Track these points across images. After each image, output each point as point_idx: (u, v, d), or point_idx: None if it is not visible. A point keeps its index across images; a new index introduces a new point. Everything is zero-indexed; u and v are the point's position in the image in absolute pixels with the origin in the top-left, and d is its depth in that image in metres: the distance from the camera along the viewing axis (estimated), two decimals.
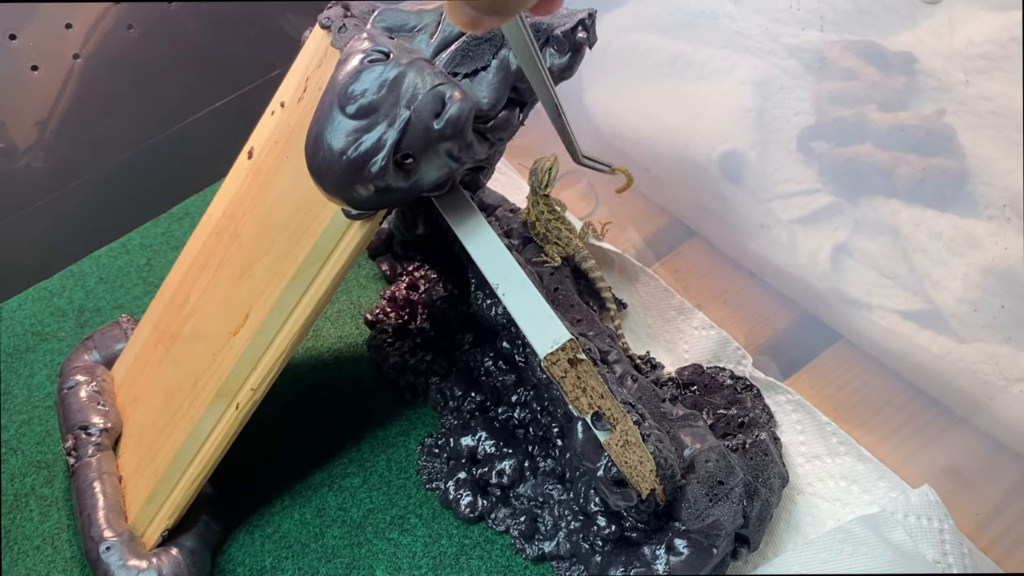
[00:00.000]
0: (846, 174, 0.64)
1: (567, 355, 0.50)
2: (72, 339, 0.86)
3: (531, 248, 0.74)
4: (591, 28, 0.50)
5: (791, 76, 0.65)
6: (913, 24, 0.55)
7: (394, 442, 0.73)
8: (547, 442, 0.66)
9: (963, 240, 0.56)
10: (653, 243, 0.83)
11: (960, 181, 0.56)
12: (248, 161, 0.66)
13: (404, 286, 0.84)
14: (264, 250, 0.60)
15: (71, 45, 0.88)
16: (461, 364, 0.74)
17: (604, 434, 0.51)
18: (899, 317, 0.63)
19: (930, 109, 0.56)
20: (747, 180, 0.71)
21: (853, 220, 0.65)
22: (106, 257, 0.95)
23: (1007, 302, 0.55)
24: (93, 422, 0.69)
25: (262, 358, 0.58)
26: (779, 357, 0.72)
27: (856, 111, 0.61)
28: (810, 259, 0.68)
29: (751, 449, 0.62)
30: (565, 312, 0.68)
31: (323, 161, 0.48)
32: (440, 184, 0.52)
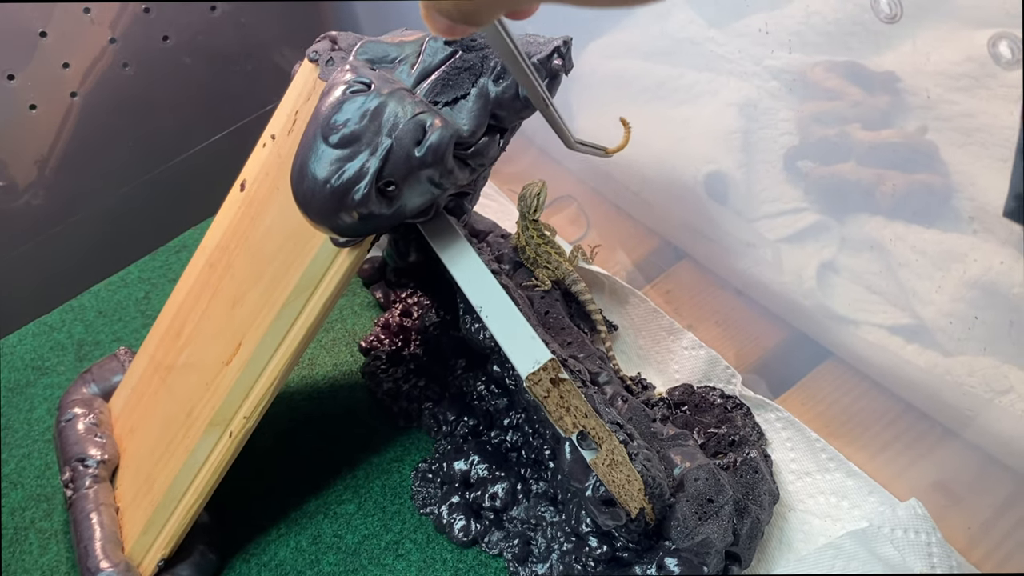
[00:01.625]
0: (831, 192, 0.65)
1: (549, 375, 0.50)
2: (71, 373, 0.87)
3: (522, 272, 0.75)
4: (567, 55, 0.51)
5: (775, 97, 0.66)
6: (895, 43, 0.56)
7: (388, 468, 0.73)
8: (539, 464, 0.67)
9: (947, 255, 0.57)
10: (643, 266, 0.84)
11: (943, 197, 0.56)
12: (240, 193, 0.68)
13: (397, 313, 0.84)
14: (255, 280, 0.61)
15: (69, 84, 0.90)
16: (454, 389, 0.75)
17: (590, 453, 0.52)
18: (886, 332, 0.64)
19: (912, 127, 0.56)
20: (733, 200, 0.72)
21: (839, 237, 0.65)
22: (105, 291, 0.96)
23: (991, 315, 0.55)
24: (90, 454, 0.69)
25: (254, 386, 0.59)
26: (769, 375, 0.73)
27: (840, 130, 0.62)
28: (797, 277, 0.69)
29: (742, 467, 0.62)
30: (556, 335, 0.69)
31: (308, 190, 0.49)
32: (424, 210, 0.53)
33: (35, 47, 0.86)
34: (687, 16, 0.71)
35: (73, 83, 0.90)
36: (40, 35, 0.85)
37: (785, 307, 0.72)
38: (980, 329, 0.56)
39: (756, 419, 0.69)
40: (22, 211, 0.93)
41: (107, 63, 0.92)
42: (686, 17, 0.71)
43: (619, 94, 0.81)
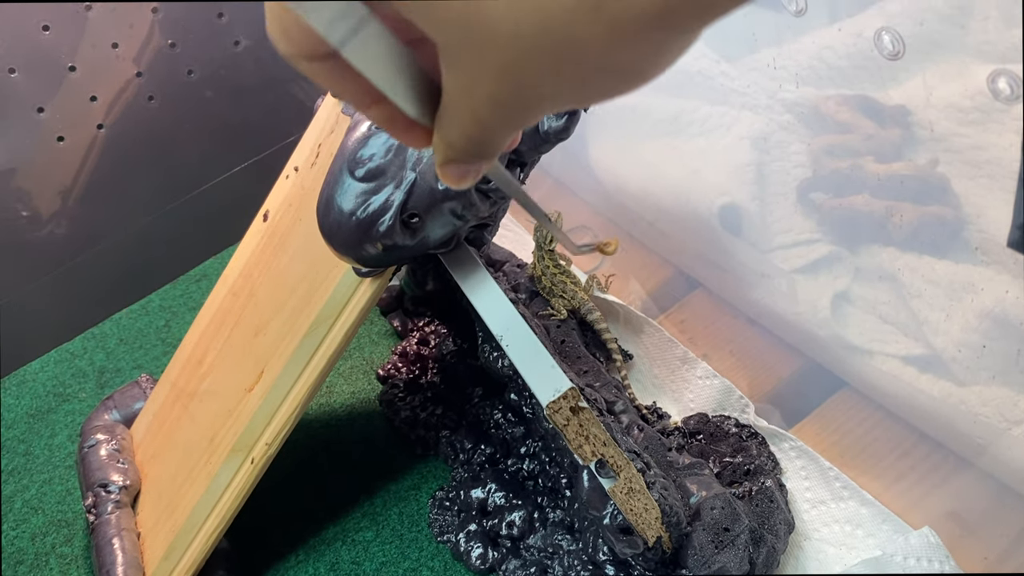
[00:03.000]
0: (844, 224, 0.65)
1: (569, 403, 0.51)
2: (93, 400, 0.88)
3: (538, 302, 0.76)
4: None
5: (787, 130, 0.67)
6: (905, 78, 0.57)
7: (406, 496, 0.74)
8: (556, 493, 0.67)
9: (960, 285, 0.58)
10: (657, 296, 0.85)
11: (955, 228, 0.57)
12: (263, 223, 0.69)
13: (415, 341, 0.85)
14: (278, 309, 0.62)
15: (95, 116, 0.92)
16: (471, 417, 0.76)
17: (608, 481, 0.52)
18: (900, 362, 0.64)
19: (923, 159, 0.57)
20: (747, 231, 0.73)
21: (852, 268, 0.66)
22: (126, 319, 0.98)
23: (1004, 345, 0.56)
24: (113, 480, 0.70)
25: (276, 413, 0.60)
26: (783, 405, 0.73)
27: (852, 163, 0.63)
28: (811, 307, 0.69)
29: (757, 496, 0.63)
30: (572, 364, 0.70)
31: (334, 222, 0.50)
32: (446, 241, 0.54)
33: (64, 80, 0.88)
34: (699, 51, 0.72)
35: (100, 115, 0.92)
36: (69, 69, 0.87)
37: (799, 337, 0.73)
38: (991, 359, 0.57)
39: (770, 448, 0.69)
40: (46, 240, 0.95)
41: (132, 95, 0.94)
42: (699, 52, 0.72)
43: (634, 127, 0.82)
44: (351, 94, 0.28)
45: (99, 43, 0.89)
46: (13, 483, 0.80)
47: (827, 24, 0.59)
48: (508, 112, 0.25)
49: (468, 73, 0.24)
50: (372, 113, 0.29)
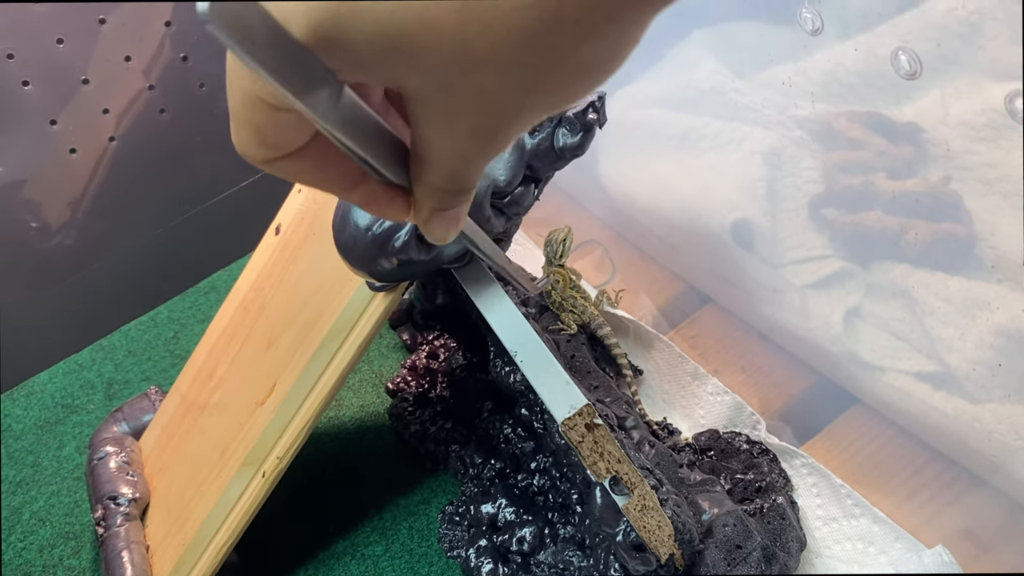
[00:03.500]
0: (856, 240, 0.65)
1: (584, 420, 0.51)
2: (101, 411, 0.88)
3: (548, 316, 0.76)
4: (601, 110, 0.53)
5: (799, 146, 0.67)
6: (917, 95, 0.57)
7: (415, 510, 0.73)
8: (567, 509, 0.67)
9: (973, 302, 0.57)
10: (668, 311, 0.85)
11: (967, 245, 0.57)
12: (276, 237, 0.69)
13: (424, 355, 0.85)
14: (290, 322, 0.62)
15: (107, 129, 0.92)
16: (481, 432, 0.76)
17: (622, 499, 0.52)
18: (913, 379, 0.64)
19: (936, 176, 0.57)
20: (759, 247, 0.73)
21: (865, 284, 0.66)
22: (135, 331, 0.98)
23: (1019, 363, 0.55)
24: (122, 492, 0.70)
25: (288, 427, 0.60)
26: (795, 422, 0.73)
27: (864, 179, 0.63)
28: (823, 323, 0.69)
29: (769, 513, 0.62)
30: (582, 379, 0.69)
31: (350, 237, 0.50)
32: (460, 256, 0.54)
33: (77, 93, 0.88)
34: (713, 67, 0.72)
35: (111, 128, 0.92)
36: (83, 82, 0.88)
37: (812, 353, 0.72)
38: (1006, 376, 0.56)
39: (782, 465, 0.69)
40: (55, 251, 0.95)
41: (145, 109, 0.94)
42: (712, 68, 0.72)
43: (646, 142, 0.82)
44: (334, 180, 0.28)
45: (112, 56, 0.89)
46: (21, 495, 0.80)
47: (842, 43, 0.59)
48: (490, 139, 0.26)
49: (446, 112, 0.25)
50: (356, 195, 0.29)
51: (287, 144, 0.26)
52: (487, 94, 0.24)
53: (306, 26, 0.22)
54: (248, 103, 0.25)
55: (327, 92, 0.24)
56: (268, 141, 0.26)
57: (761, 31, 0.66)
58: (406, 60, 0.23)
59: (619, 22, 0.23)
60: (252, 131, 0.25)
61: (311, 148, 0.27)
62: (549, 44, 0.22)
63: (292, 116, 0.25)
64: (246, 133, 0.26)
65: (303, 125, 0.26)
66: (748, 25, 0.68)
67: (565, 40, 0.22)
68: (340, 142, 0.26)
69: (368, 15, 0.22)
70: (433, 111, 0.25)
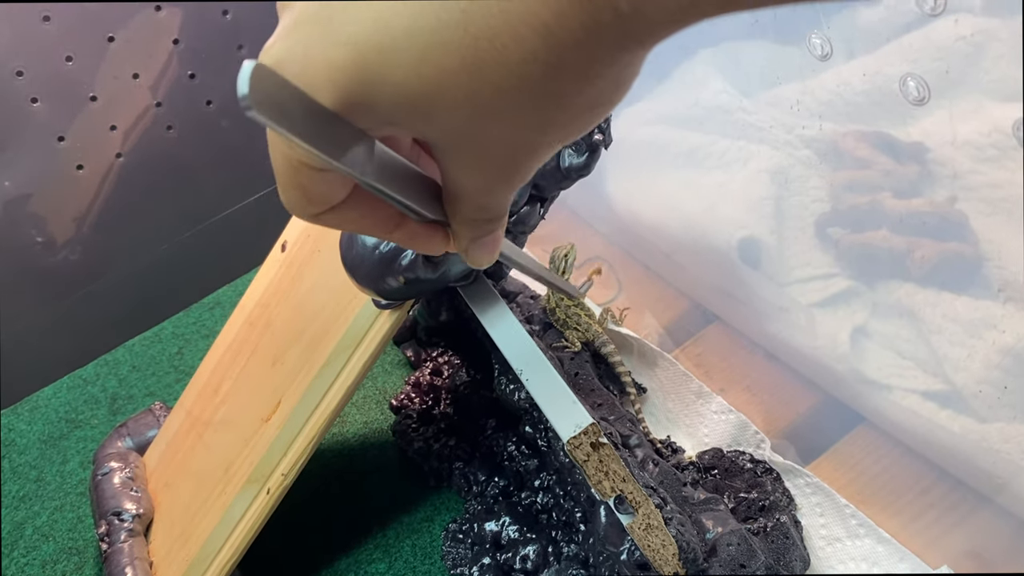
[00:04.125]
0: (863, 259, 0.65)
1: (589, 439, 0.51)
2: (105, 426, 0.88)
3: (552, 333, 0.76)
4: (606, 131, 0.53)
5: (806, 165, 0.67)
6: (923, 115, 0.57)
7: (419, 528, 0.73)
8: (570, 527, 0.67)
9: (980, 322, 0.57)
10: (673, 329, 0.85)
11: (974, 265, 0.57)
12: (281, 254, 0.69)
13: (428, 372, 0.85)
14: (296, 339, 0.62)
15: (114, 145, 0.93)
16: (484, 449, 0.75)
17: (627, 518, 0.52)
18: (920, 397, 0.64)
19: (942, 196, 0.57)
20: (766, 265, 0.73)
21: (871, 303, 0.66)
22: (139, 346, 0.98)
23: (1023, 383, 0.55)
24: (126, 508, 0.70)
25: (293, 444, 0.60)
26: (800, 441, 0.73)
27: (871, 198, 0.63)
28: (830, 341, 0.69)
29: (772, 532, 0.62)
30: (586, 396, 0.69)
31: (357, 255, 0.51)
32: (466, 275, 0.54)
33: (85, 110, 0.89)
34: (720, 86, 0.72)
35: (118, 144, 0.93)
36: (91, 99, 0.88)
37: (818, 371, 0.72)
38: (1013, 396, 0.56)
39: (785, 484, 0.69)
40: (60, 266, 0.95)
41: (152, 125, 0.95)
42: (719, 87, 0.72)
43: (653, 160, 0.82)
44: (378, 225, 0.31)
45: (120, 74, 0.90)
46: (24, 510, 0.80)
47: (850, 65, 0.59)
48: (513, 173, 0.28)
49: (470, 157, 0.27)
50: (398, 235, 0.32)
51: (331, 199, 0.28)
52: (504, 138, 0.26)
53: (333, 95, 0.24)
54: (291, 168, 0.27)
55: (360, 149, 0.26)
56: (313, 199, 0.28)
57: (769, 51, 0.66)
58: (427, 118, 0.25)
59: (616, 65, 0.24)
60: (298, 192, 0.28)
61: (353, 199, 0.29)
62: (555, 91, 0.24)
63: (333, 174, 0.27)
64: (293, 194, 0.28)
65: (343, 181, 0.28)
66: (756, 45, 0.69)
67: (569, 86, 0.24)
68: (378, 191, 0.28)
69: (388, 82, 0.24)
70: (458, 157, 0.27)
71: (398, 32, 0.24)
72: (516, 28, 0.23)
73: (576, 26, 0.22)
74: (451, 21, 0.23)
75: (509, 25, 0.23)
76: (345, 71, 0.24)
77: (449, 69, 0.24)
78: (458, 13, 0.23)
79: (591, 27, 0.22)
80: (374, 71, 0.24)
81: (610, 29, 0.23)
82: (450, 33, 0.23)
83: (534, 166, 0.28)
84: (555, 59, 0.23)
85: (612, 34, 0.23)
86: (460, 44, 0.23)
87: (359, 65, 0.24)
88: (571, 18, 0.22)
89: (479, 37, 0.23)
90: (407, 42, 0.23)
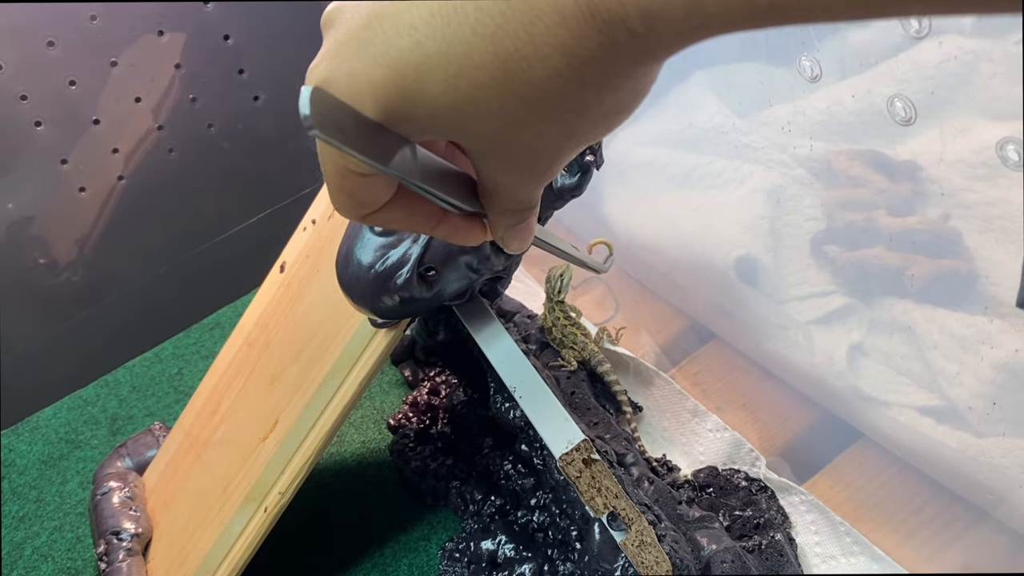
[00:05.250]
0: (859, 276, 0.66)
1: (581, 455, 0.51)
2: (104, 447, 0.88)
3: (548, 353, 0.76)
4: (598, 151, 0.54)
5: (801, 184, 0.68)
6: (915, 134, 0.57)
7: (416, 546, 0.73)
8: (566, 545, 0.67)
9: (975, 337, 0.58)
10: (670, 348, 0.85)
11: (969, 281, 0.57)
12: (280, 275, 0.70)
13: (426, 391, 0.86)
14: (294, 358, 0.63)
15: (116, 168, 0.94)
16: (481, 468, 0.76)
17: (620, 534, 0.52)
18: (917, 413, 0.64)
19: (936, 214, 0.58)
20: (763, 283, 0.73)
21: (868, 320, 0.66)
22: (139, 367, 0.98)
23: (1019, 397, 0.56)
24: (125, 527, 0.70)
25: (290, 462, 0.60)
26: (796, 459, 0.73)
27: (865, 216, 0.64)
28: (827, 358, 0.69)
29: (767, 550, 0.62)
30: (582, 415, 0.70)
31: (352, 274, 0.51)
32: (460, 294, 0.55)
33: (88, 133, 0.90)
34: (715, 107, 0.73)
35: (120, 167, 0.94)
36: (93, 122, 0.89)
37: (816, 388, 0.73)
38: (1007, 411, 0.57)
39: (780, 502, 0.69)
40: (62, 287, 0.96)
41: (153, 148, 0.96)
42: (714, 108, 0.73)
43: (649, 180, 0.83)
44: (422, 221, 0.34)
45: (122, 97, 0.91)
46: (24, 530, 0.80)
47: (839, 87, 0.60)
48: (543, 171, 0.31)
49: (502, 161, 0.30)
50: (441, 229, 0.35)
51: (378, 200, 0.31)
52: (532, 143, 0.29)
53: (376, 109, 0.27)
54: (340, 175, 0.30)
55: (403, 153, 0.28)
56: (362, 201, 0.31)
57: (761, 73, 0.67)
58: (461, 127, 0.28)
59: (632, 78, 0.27)
60: (347, 196, 0.31)
61: (398, 199, 0.32)
62: (577, 102, 0.27)
63: (378, 178, 0.30)
64: (343, 198, 0.31)
65: (388, 183, 0.31)
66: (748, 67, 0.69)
67: (590, 97, 0.27)
68: (421, 189, 0.31)
69: (426, 96, 0.27)
70: (490, 160, 0.30)
71: (433, 53, 0.26)
72: (540, 48, 0.25)
73: (594, 45, 0.25)
74: (481, 43, 0.25)
75: (534, 46, 0.25)
76: (386, 88, 0.27)
77: (481, 84, 0.26)
78: (488, 35, 0.25)
79: (608, 46, 0.25)
80: (412, 87, 0.27)
81: (626, 47, 0.25)
82: (481, 54, 0.25)
83: (561, 165, 0.31)
84: (576, 74, 0.25)
85: (628, 51, 0.25)
86: (490, 63, 0.26)
87: (399, 83, 0.27)
88: (590, 38, 0.24)
89: (507, 57, 0.25)
90: (442, 61, 0.26)
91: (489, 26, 0.25)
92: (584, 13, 0.24)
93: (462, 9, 0.25)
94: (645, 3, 0.23)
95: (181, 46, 0.93)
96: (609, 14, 0.24)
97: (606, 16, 0.24)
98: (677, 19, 0.23)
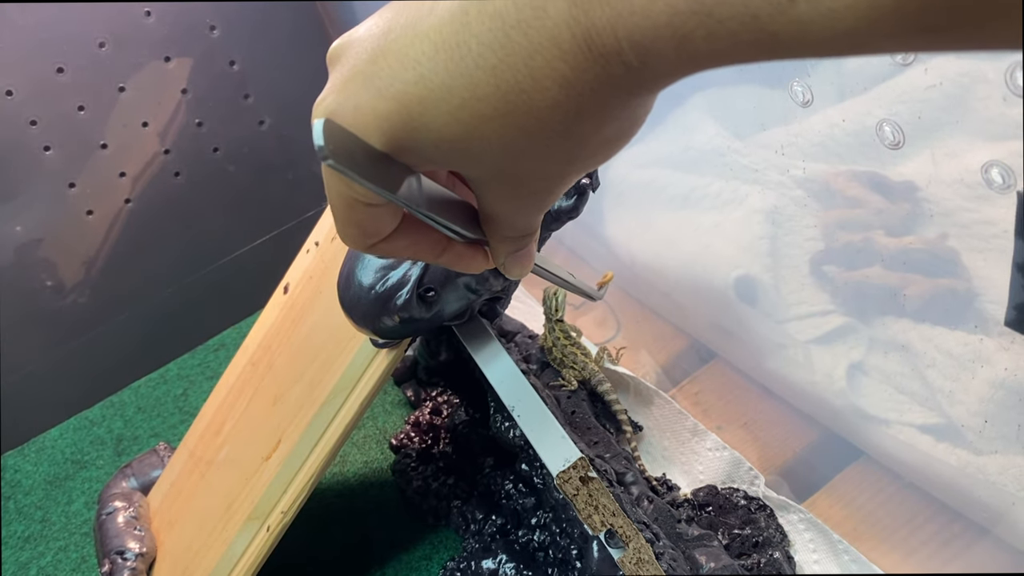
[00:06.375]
0: (858, 295, 0.66)
1: (578, 473, 0.51)
2: (110, 467, 0.89)
3: (549, 372, 0.77)
4: (594, 175, 0.55)
5: (799, 205, 0.68)
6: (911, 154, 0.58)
7: (417, 566, 0.74)
8: (566, 564, 0.67)
9: (973, 356, 0.58)
10: (671, 368, 0.86)
11: (967, 300, 0.58)
12: (284, 296, 0.71)
13: (428, 411, 0.86)
14: (296, 379, 0.64)
15: (123, 191, 0.95)
16: (482, 487, 0.76)
17: (618, 552, 0.52)
18: (916, 431, 0.64)
19: (933, 233, 0.58)
20: (762, 303, 0.74)
21: (867, 339, 0.67)
22: (145, 387, 0.99)
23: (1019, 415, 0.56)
24: (129, 547, 0.71)
25: (292, 482, 0.61)
26: (795, 477, 0.73)
27: (864, 236, 0.64)
28: (827, 377, 0.70)
29: (765, 568, 0.62)
30: (582, 435, 0.70)
31: (354, 295, 0.52)
32: (460, 314, 0.56)
33: (96, 157, 0.91)
34: (713, 129, 0.74)
35: (127, 190, 0.95)
36: (101, 147, 0.91)
37: (816, 407, 0.73)
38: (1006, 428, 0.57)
39: (779, 520, 0.69)
40: (69, 309, 0.97)
41: (160, 172, 0.97)
42: (712, 130, 0.74)
43: (649, 201, 0.84)
44: (427, 250, 0.35)
45: (130, 122, 0.92)
46: (29, 550, 0.80)
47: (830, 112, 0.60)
48: (542, 199, 0.32)
49: (503, 189, 0.31)
50: (445, 258, 0.36)
51: (384, 230, 0.32)
52: (532, 172, 0.30)
53: (381, 140, 0.28)
54: (347, 205, 0.30)
55: (409, 183, 0.29)
56: (369, 231, 0.32)
57: (757, 96, 0.68)
58: (463, 156, 0.28)
59: (628, 108, 0.28)
60: (355, 226, 0.31)
61: (403, 229, 0.33)
62: (576, 132, 0.28)
63: (384, 208, 0.31)
64: (350, 229, 0.31)
65: (393, 213, 0.32)
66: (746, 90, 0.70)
67: (588, 127, 0.27)
68: (427, 217, 0.31)
69: (429, 128, 0.27)
70: (491, 188, 0.31)
71: (437, 86, 0.27)
72: (540, 80, 0.26)
73: (591, 78, 0.25)
74: (484, 76, 0.26)
75: (534, 78, 0.26)
76: (391, 120, 0.27)
77: (483, 116, 0.27)
78: (489, 69, 0.26)
79: (604, 78, 0.25)
80: (416, 119, 0.27)
81: (622, 79, 0.25)
82: (483, 86, 0.26)
83: (560, 192, 0.32)
84: (575, 106, 0.26)
85: (624, 83, 0.26)
86: (492, 95, 0.26)
87: (403, 115, 0.27)
88: (587, 71, 0.25)
89: (508, 90, 0.26)
90: (445, 94, 0.27)
91: (491, 60, 0.26)
92: (581, 47, 0.25)
93: (464, 44, 0.26)
94: (638, 37, 0.24)
95: (187, 71, 0.95)
96: (605, 48, 0.25)
97: (602, 49, 0.25)
98: (668, 52, 0.24)
